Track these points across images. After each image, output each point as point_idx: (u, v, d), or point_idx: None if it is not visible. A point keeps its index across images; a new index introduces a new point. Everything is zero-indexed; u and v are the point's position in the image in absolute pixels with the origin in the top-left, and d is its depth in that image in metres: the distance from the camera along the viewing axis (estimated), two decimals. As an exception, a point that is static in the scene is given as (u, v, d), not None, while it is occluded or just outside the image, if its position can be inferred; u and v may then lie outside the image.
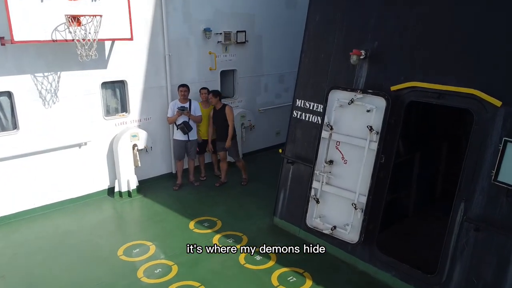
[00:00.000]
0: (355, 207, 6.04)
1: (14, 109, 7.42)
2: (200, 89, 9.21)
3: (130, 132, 8.53)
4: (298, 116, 7.20)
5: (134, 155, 8.71)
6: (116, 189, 8.72)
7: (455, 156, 8.05)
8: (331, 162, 6.33)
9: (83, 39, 6.80)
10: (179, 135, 8.92)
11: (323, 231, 6.44)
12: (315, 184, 6.51)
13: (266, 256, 6.65)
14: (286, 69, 11.64)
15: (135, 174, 8.82)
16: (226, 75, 10.45)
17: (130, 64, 8.53)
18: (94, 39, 6.94)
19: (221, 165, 9.44)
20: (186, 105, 8.81)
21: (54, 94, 7.73)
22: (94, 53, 7.06)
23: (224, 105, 9.03)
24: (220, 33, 9.80)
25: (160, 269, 6.29)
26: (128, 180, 8.70)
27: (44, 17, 6.70)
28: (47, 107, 7.70)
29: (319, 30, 6.92)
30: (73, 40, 6.89)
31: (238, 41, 10.10)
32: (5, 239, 7.11)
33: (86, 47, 6.85)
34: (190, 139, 8.96)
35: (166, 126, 9.45)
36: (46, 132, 7.76)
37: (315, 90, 6.91)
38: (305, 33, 7.10)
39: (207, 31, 9.47)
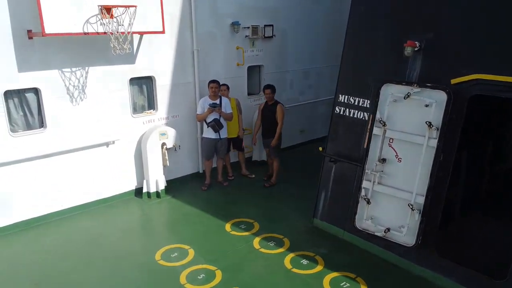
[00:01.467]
0: (412, 208, 5.70)
1: (41, 106, 7.05)
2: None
3: (159, 130, 8.17)
4: (341, 112, 6.85)
5: (163, 154, 8.35)
6: (145, 190, 8.36)
7: (499, 154, 7.76)
8: (383, 160, 5.98)
9: (117, 32, 6.40)
10: (209, 133, 8.55)
11: (375, 233, 6.10)
12: (365, 184, 6.17)
13: (312, 259, 6.31)
14: (310, 65, 11.30)
15: (163, 174, 8.46)
16: (251, 71, 10.09)
17: (158, 59, 8.17)
18: (129, 32, 6.55)
19: (270, 162, 9.22)
20: (217, 101, 8.44)
21: (81, 90, 7.36)
22: (128, 47, 6.68)
23: (276, 102, 8.71)
24: (248, 27, 9.43)
25: (204, 275, 5.93)
26: (157, 180, 8.34)
27: (76, 8, 6.34)
28: (74, 104, 7.33)
29: (364, 21, 6.56)
30: (105, 32, 6.51)
31: (265, 36, 9.72)
32: (35, 243, 6.74)
33: (120, 40, 6.46)
34: (221, 137, 8.60)
35: (193, 124, 9.09)
36: (74, 130, 7.40)
37: (361, 85, 6.56)
38: (348, 25, 6.75)
39: (235, 25, 9.10)
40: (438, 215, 5.68)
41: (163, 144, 8.29)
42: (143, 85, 8.29)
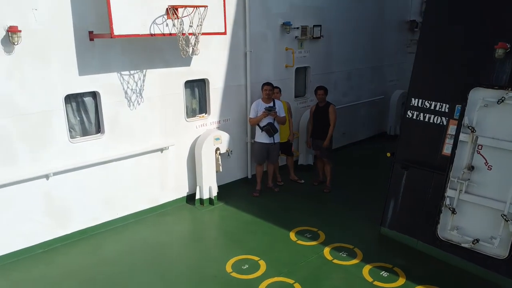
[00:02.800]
0: (505, 219, 5.41)
1: (99, 110, 6.75)
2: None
3: (213, 135, 7.87)
4: (414, 117, 6.55)
5: (216, 160, 8.05)
6: (197, 196, 8.06)
7: None
8: (471, 168, 5.68)
9: (189, 33, 6.10)
10: (263, 138, 8.25)
11: (461, 244, 5.81)
12: (450, 193, 5.88)
13: (391, 271, 6.02)
14: (353, 66, 11.03)
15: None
16: (297, 73, 9.79)
17: (212, 61, 7.87)
18: (199, 33, 6.25)
19: (319, 166, 9.04)
20: (271, 105, 8.15)
21: (139, 94, 7.07)
22: (198, 49, 6.38)
23: (328, 103, 8.45)
24: (297, 28, 9.14)
25: (283, 289, 5.65)
26: (210, 186, 8.04)
27: (143, 9, 6.04)
28: (132, 108, 7.03)
29: (442, 19, 6.25)
30: (174, 34, 6.20)
31: (314, 36, 9.43)
32: (94, 255, 6.44)
33: (192, 42, 6.16)
34: (275, 141, 8.30)
35: (243, 128, 8.80)
36: (131, 135, 7.11)
37: (438, 88, 6.27)
38: (424, 23, 6.45)
39: (286, 25, 8.81)
40: (534, 226, 5.39)
41: (217, 149, 7.99)
42: (195, 88, 7.99)
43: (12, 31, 5.46)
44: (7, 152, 5.88)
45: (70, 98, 6.44)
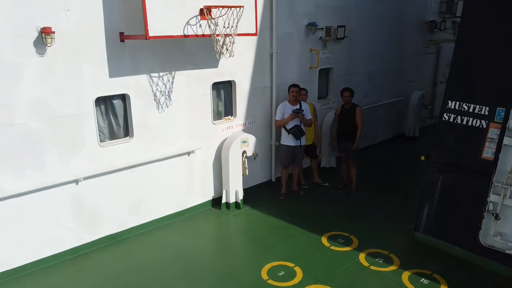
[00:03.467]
0: (553, 225, 5.27)
1: (128, 114, 6.60)
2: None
3: (240, 138, 7.72)
4: (451, 120, 6.39)
5: (243, 163, 7.90)
6: (223, 200, 7.91)
7: None
8: (516, 172, 5.54)
9: (228, 34, 5.95)
10: (289, 140, 8.11)
11: (505, 251, 5.66)
12: (493, 198, 5.73)
13: (432, 278, 5.88)
14: (374, 67, 10.89)
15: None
16: (320, 74, 9.64)
17: (239, 62, 7.71)
18: (235, 34, 6.09)
19: (344, 168, 8.92)
20: (298, 107, 8.00)
21: (167, 96, 6.92)
22: (232, 51, 6.23)
23: (354, 105, 8.30)
24: (322, 28, 8.99)
25: (323, 297, 5.51)
26: (237, 190, 7.89)
27: (178, 10, 5.88)
28: (160, 111, 6.89)
29: (483, 18, 6.07)
30: (209, 35, 6.06)
31: (337, 37, 9.28)
32: (126, 261, 6.28)
33: (228, 43, 6.01)
34: (301, 144, 8.15)
35: (267, 130, 8.66)
36: (159, 139, 6.96)
37: (479, 90, 6.12)
38: (462, 21, 6.28)
39: (312, 25, 8.67)
40: None
41: (243, 152, 7.85)
42: (221, 90, 7.84)
43: (46, 32, 5.32)
44: (38, 156, 5.73)
45: (99, 101, 6.29)
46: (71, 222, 6.24)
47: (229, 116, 7.99)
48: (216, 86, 7.66)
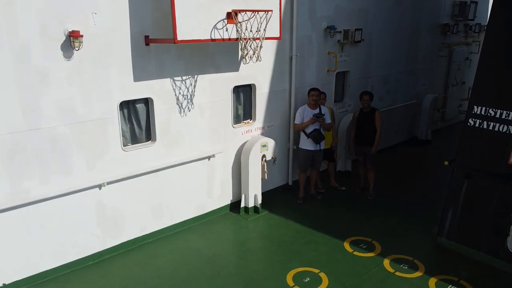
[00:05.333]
0: None
1: (150, 117, 6.56)
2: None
3: (260, 142, 7.68)
4: (477, 125, 6.36)
5: (262, 167, 7.86)
6: (242, 205, 7.87)
7: None
8: (546, 179, 5.51)
9: (255, 38, 5.92)
10: (308, 144, 8.06)
11: (534, 258, 5.63)
12: (522, 204, 5.70)
13: (459, 285, 5.84)
14: (389, 70, 10.87)
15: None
16: (337, 77, 9.59)
17: (260, 65, 7.63)
18: (263, 38, 6.05)
19: (361, 172, 8.82)
20: (318, 111, 7.96)
21: (190, 100, 6.88)
22: (260, 55, 6.19)
23: (374, 109, 8.28)
24: (340, 31, 8.96)
25: (351, 303, 5.47)
26: (256, 194, 7.86)
27: (205, 13, 5.84)
28: (182, 115, 6.84)
29: (511, 21, 6.04)
30: (236, 39, 6.02)
31: (355, 40, 9.25)
32: (150, 266, 6.24)
33: (255, 47, 5.97)
34: (321, 148, 8.11)
35: (285, 134, 8.62)
36: (181, 143, 6.92)
37: (506, 96, 6.08)
38: (489, 25, 6.23)
39: (331, 28, 8.63)
40: None
41: (263, 156, 7.81)
42: (241, 93, 7.80)
43: (74, 36, 5.27)
44: (64, 161, 5.69)
45: (122, 105, 6.24)
46: (95, 227, 6.20)
47: (248, 120, 7.95)
48: (236, 89, 7.62)
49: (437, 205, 7.48)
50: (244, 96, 7.83)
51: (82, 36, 5.33)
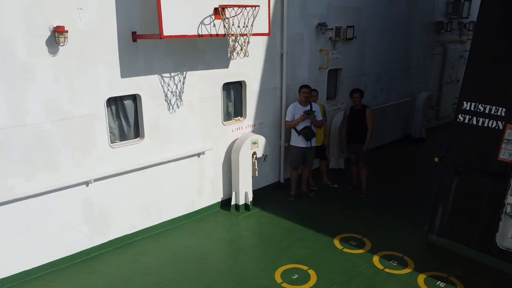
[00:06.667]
0: None
1: (138, 114, 6.52)
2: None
3: (251, 139, 7.64)
4: (467, 121, 6.33)
5: (253, 164, 7.82)
6: (233, 202, 7.84)
7: None
8: (535, 174, 5.48)
9: (243, 34, 5.87)
10: (299, 142, 8.03)
11: (523, 254, 5.60)
12: (510, 200, 5.66)
13: (448, 281, 5.83)
14: (383, 68, 10.83)
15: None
16: (329, 75, 9.55)
17: (250, 62, 7.61)
18: (250, 34, 6.01)
19: (354, 170, 8.78)
20: (309, 108, 7.93)
21: (179, 97, 6.84)
22: (247, 51, 6.15)
23: (365, 106, 8.25)
24: (332, 29, 8.93)
25: (339, 300, 5.43)
26: (246, 192, 7.82)
27: (192, 9, 5.80)
28: (171, 111, 6.81)
29: (499, 16, 5.99)
30: (224, 34, 5.98)
31: (347, 37, 9.22)
32: (137, 264, 6.19)
33: (242, 43, 5.93)
34: (312, 145, 8.08)
35: (277, 131, 8.58)
36: (170, 140, 6.88)
37: (495, 91, 6.05)
38: (478, 20, 6.20)
39: (322, 26, 8.60)
40: None
41: (254, 153, 7.77)
42: (231, 90, 7.76)
43: (59, 31, 5.23)
44: (50, 158, 5.64)
45: (110, 102, 6.20)
46: (82, 225, 6.16)
47: (239, 117, 7.91)
48: (226, 86, 7.58)
49: (429, 203, 7.42)
50: (234, 93, 7.80)
51: (67, 31, 5.29)
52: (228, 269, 6.14)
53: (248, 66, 7.64)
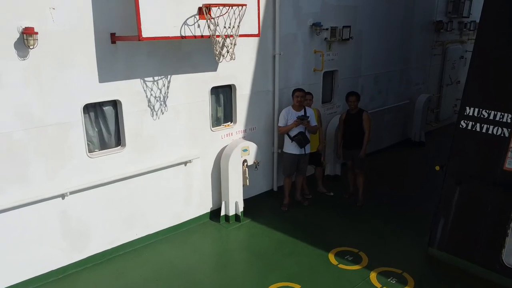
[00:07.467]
0: None
1: (119, 121, 6.10)
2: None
3: (241, 146, 7.23)
4: (470, 127, 5.92)
5: (243, 172, 7.41)
6: (223, 213, 7.42)
7: None
8: (544, 186, 5.08)
9: (229, 35, 5.46)
10: (293, 148, 7.62)
11: (531, 272, 5.20)
12: (518, 214, 5.27)
13: (450, 301, 5.40)
14: (381, 69, 10.43)
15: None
16: (324, 77, 9.15)
17: (239, 65, 7.21)
18: (237, 35, 5.60)
19: (350, 177, 8.40)
20: (303, 113, 7.51)
21: (163, 102, 6.43)
22: (233, 53, 5.73)
23: (361, 110, 7.84)
24: (327, 29, 8.51)
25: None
26: (237, 201, 7.40)
27: (174, 9, 5.39)
28: (155, 118, 6.39)
29: (504, 18, 5.60)
30: (209, 36, 5.56)
31: (343, 38, 8.80)
32: (117, 281, 5.78)
33: (229, 45, 5.51)
34: (306, 152, 7.67)
35: (269, 137, 8.17)
36: (153, 148, 6.47)
37: (501, 96, 5.65)
38: (482, 23, 5.81)
39: (317, 26, 8.19)
40: None
41: (244, 161, 7.36)
42: (220, 95, 7.35)
43: (28, 33, 4.81)
44: (21, 169, 5.22)
45: (88, 108, 5.79)
46: (58, 240, 5.74)
47: (229, 123, 7.50)
48: (215, 90, 7.17)
49: (430, 213, 7.03)
50: (224, 97, 7.39)
51: (37, 33, 4.87)
52: (213, 286, 5.72)
53: (238, 69, 7.23)
